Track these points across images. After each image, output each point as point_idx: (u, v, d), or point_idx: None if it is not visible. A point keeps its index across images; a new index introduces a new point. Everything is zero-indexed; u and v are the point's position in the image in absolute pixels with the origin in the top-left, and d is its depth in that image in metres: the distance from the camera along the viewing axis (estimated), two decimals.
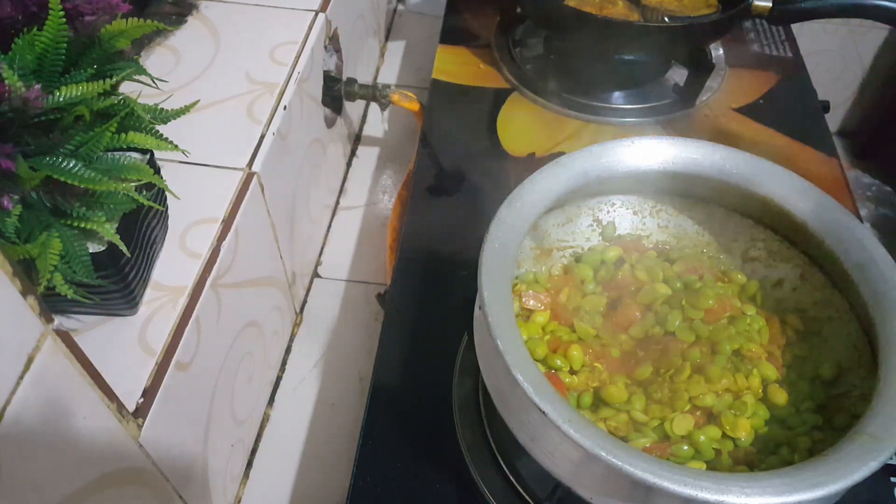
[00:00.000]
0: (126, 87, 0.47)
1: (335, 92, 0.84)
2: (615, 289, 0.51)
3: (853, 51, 1.16)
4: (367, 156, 0.99)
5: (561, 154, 0.49)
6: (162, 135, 0.47)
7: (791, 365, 0.47)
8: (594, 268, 0.52)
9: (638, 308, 0.49)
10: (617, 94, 0.81)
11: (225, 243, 0.55)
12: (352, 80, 0.86)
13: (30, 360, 0.32)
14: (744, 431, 0.43)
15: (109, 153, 0.44)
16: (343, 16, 0.84)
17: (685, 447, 0.42)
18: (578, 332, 0.48)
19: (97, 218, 0.42)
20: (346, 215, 0.91)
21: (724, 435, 0.43)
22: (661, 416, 0.44)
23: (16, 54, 0.40)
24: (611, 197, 0.54)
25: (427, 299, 0.63)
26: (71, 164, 0.40)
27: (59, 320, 0.34)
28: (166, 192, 0.50)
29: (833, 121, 1.23)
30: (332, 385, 0.75)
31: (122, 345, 0.48)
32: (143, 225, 0.48)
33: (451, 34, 0.91)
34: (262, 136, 0.63)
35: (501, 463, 0.51)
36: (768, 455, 0.42)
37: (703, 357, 0.46)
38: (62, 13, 0.40)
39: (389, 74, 1.10)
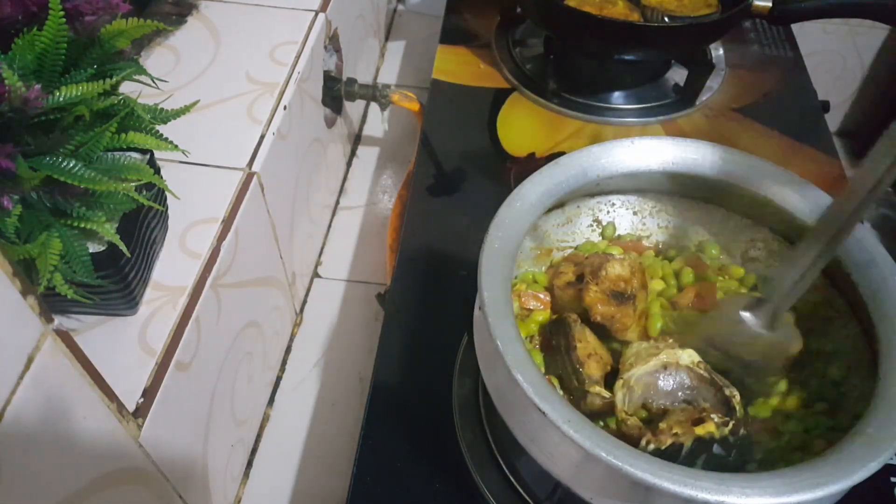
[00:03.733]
0: (126, 87, 0.47)
1: (335, 92, 0.84)
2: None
3: (853, 51, 1.16)
4: (367, 156, 0.99)
5: (561, 154, 0.49)
6: (162, 135, 0.47)
7: (801, 363, 0.47)
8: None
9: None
10: (617, 94, 0.81)
11: (225, 243, 0.55)
12: (352, 80, 0.86)
13: (30, 360, 0.32)
14: None
15: (109, 153, 0.44)
16: (343, 16, 0.84)
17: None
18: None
19: (97, 218, 0.42)
20: (346, 215, 0.91)
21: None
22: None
23: (16, 54, 0.40)
24: (611, 197, 0.54)
25: (427, 299, 0.63)
26: (71, 164, 0.40)
27: (59, 320, 0.34)
28: (166, 192, 0.50)
29: (833, 121, 1.23)
30: (332, 385, 0.75)
31: (122, 345, 0.48)
32: (143, 225, 0.48)
33: (451, 34, 0.91)
34: (262, 136, 0.63)
35: (501, 463, 0.51)
36: (779, 463, 0.42)
37: None
38: (62, 13, 0.40)
39: (389, 74, 1.10)
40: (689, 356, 0.43)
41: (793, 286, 0.41)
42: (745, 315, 0.44)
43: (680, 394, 0.43)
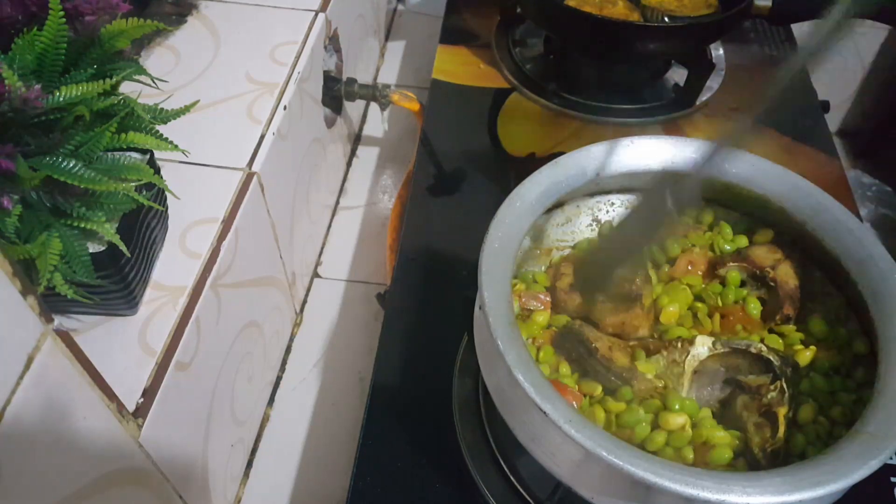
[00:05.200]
0: (126, 87, 0.47)
1: (335, 92, 0.84)
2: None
3: (853, 51, 1.16)
4: (367, 156, 0.99)
5: (561, 154, 0.49)
6: (162, 135, 0.47)
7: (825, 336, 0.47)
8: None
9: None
10: (617, 94, 0.81)
11: (225, 243, 0.55)
12: (352, 80, 0.86)
13: (30, 360, 0.32)
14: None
15: (109, 153, 0.44)
16: (343, 16, 0.84)
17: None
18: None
19: (97, 218, 0.42)
20: (346, 215, 0.91)
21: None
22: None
23: (16, 54, 0.40)
24: (610, 196, 0.54)
25: (427, 299, 0.63)
26: (71, 164, 0.40)
27: (59, 320, 0.34)
28: (166, 192, 0.50)
29: (833, 121, 1.23)
30: (332, 385, 0.75)
31: (122, 345, 0.48)
32: (143, 225, 0.48)
33: (451, 34, 0.91)
34: (262, 136, 0.63)
35: (501, 463, 0.51)
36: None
37: None
38: (62, 13, 0.40)
39: (389, 74, 1.10)
40: (702, 343, 0.43)
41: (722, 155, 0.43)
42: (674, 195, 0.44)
43: (718, 384, 0.44)
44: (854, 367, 0.44)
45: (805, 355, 0.45)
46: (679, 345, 0.44)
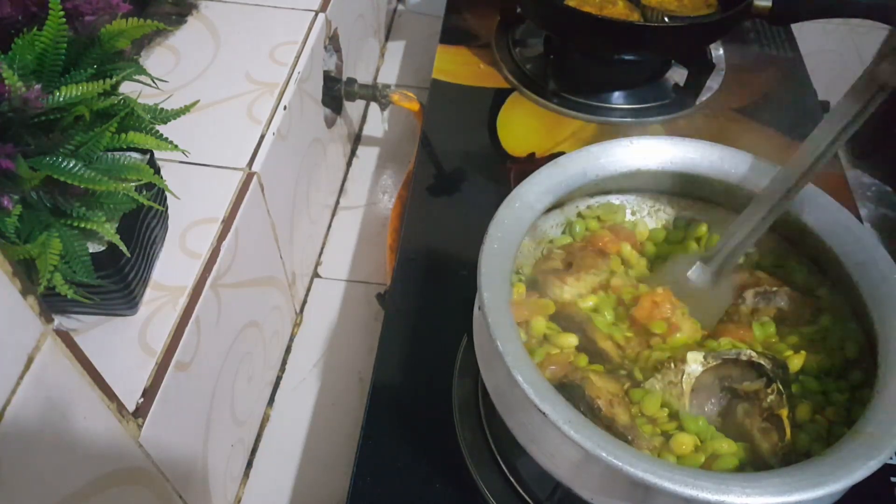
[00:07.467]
0: (126, 87, 0.47)
1: (335, 92, 0.84)
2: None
3: (853, 51, 1.16)
4: (367, 156, 0.99)
5: (561, 154, 0.49)
6: (162, 135, 0.47)
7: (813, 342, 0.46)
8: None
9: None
10: (617, 94, 0.81)
11: (225, 243, 0.55)
12: (352, 80, 0.86)
13: (30, 360, 0.32)
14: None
15: (109, 153, 0.44)
16: (343, 16, 0.84)
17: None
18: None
19: (97, 218, 0.42)
20: (346, 215, 0.91)
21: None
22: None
23: (16, 54, 0.40)
24: (609, 197, 0.54)
25: (427, 299, 0.63)
26: (71, 164, 0.40)
27: (59, 320, 0.34)
28: (166, 192, 0.50)
29: None
30: (332, 385, 0.75)
31: (122, 345, 0.48)
32: (143, 225, 0.48)
33: (451, 34, 0.91)
34: (262, 136, 0.63)
35: (501, 463, 0.51)
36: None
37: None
38: (62, 13, 0.40)
39: (389, 74, 1.10)
40: (694, 360, 0.43)
41: (740, 243, 0.46)
42: (692, 271, 0.48)
43: (715, 396, 0.44)
44: (849, 370, 0.44)
45: (795, 361, 0.44)
46: (672, 365, 0.44)
